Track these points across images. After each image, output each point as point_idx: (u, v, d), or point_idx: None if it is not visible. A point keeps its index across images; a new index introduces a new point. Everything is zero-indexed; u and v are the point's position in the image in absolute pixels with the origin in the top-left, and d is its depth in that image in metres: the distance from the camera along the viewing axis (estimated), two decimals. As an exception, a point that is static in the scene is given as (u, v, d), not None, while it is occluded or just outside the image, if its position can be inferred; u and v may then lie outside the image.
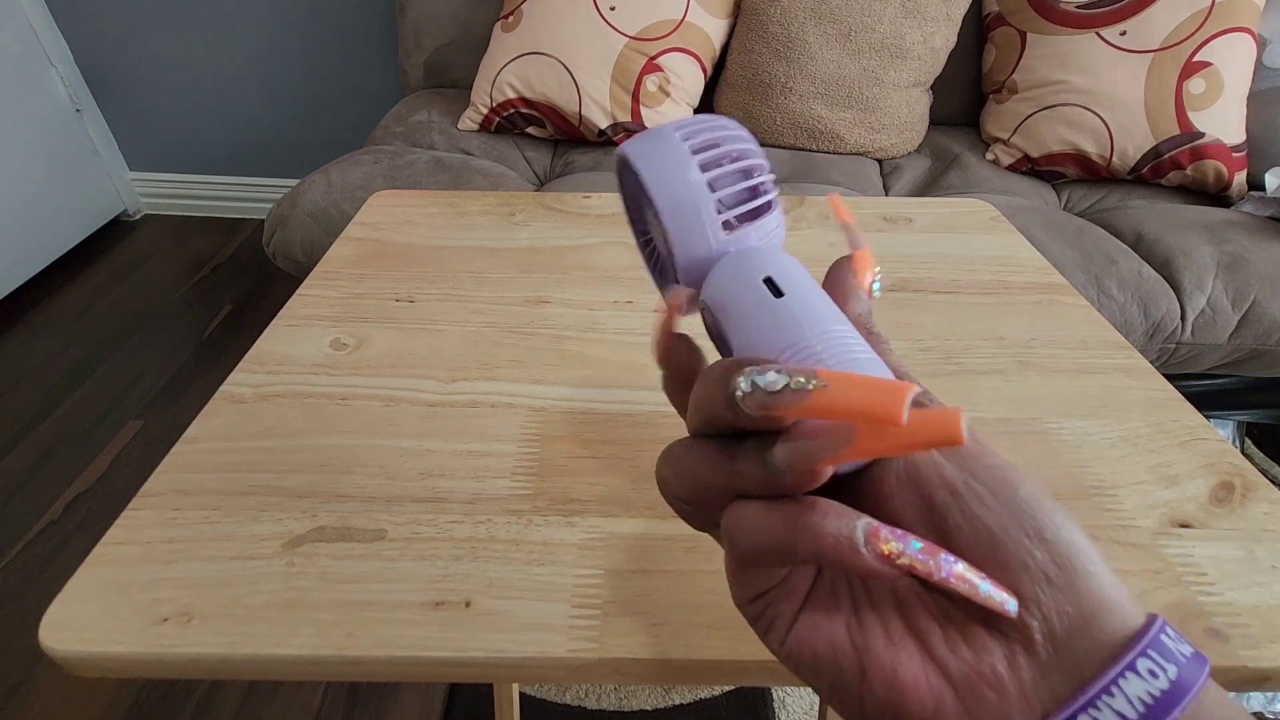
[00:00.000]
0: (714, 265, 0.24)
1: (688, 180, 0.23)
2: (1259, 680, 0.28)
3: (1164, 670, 0.16)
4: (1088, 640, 0.16)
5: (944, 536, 0.18)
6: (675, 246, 0.24)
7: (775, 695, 0.97)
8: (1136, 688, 0.15)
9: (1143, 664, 0.16)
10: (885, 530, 0.17)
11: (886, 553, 0.17)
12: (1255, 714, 0.93)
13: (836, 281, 0.24)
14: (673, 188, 0.23)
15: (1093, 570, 0.17)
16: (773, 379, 0.17)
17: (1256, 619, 0.29)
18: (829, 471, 0.17)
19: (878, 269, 0.25)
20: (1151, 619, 0.17)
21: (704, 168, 0.24)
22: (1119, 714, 0.15)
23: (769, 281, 0.22)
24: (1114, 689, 0.16)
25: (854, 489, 0.20)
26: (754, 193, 0.24)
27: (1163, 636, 0.16)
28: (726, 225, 0.24)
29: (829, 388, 0.16)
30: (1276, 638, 0.28)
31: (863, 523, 0.17)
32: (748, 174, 0.25)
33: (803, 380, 0.16)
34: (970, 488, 0.18)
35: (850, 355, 0.20)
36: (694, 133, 0.24)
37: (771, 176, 0.25)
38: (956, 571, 0.17)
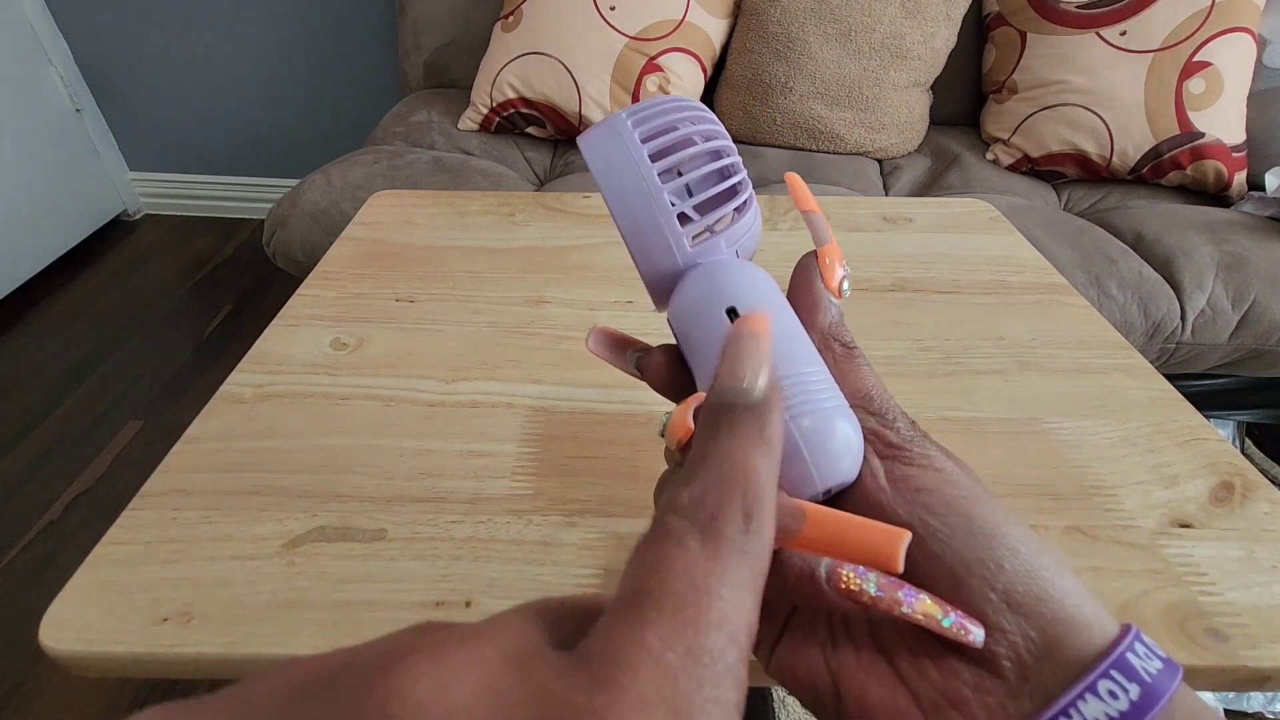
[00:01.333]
0: (681, 280, 0.22)
1: (644, 189, 0.21)
2: (1259, 680, 0.28)
3: (1125, 691, 0.16)
4: (1054, 663, 0.16)
5: (910, 575, 0.18)
6: (637, 260, 0.22)
7: (775, 695, 0.97)
8: (1095, 709, 0.16)
9: (1103, 685, 0.16)
10: (847, 567, 0.18)
11: (847, 588, 0.17)
12: (1255, 714, 0.93)
13: (802, 289, 0.23)
14: (629, 200, 0.21)
15: (1054, 592, 0.17)
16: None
17: (1256, 619, 0.29)
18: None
19: (846, 264, 0.23)
20: (1123, 633, 0.16)
21: (666, 171, 0.21)
22: None
23: (731, 312, 0.21)
24: (1072, 711, 0.16)
25: None
26: (729, 194, 0.22)
27: (1129, 655, 0.16)
28: (696, 231, 0.21)
29: (822, 526, 0.18)
30: (1276, 638, 0.28)
31: (827, 560, 0.18)
32: (723, 175, 0.23)
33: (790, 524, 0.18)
34: (928, 526, 0.18)
35: (812, 405, 0.19)
36: (656, 128, 0.21)
37: (744, 174, 0.23)
38: (918, 606, 0.17)
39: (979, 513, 0.18)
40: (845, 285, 0.23)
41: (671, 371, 0.23)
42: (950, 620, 0.17)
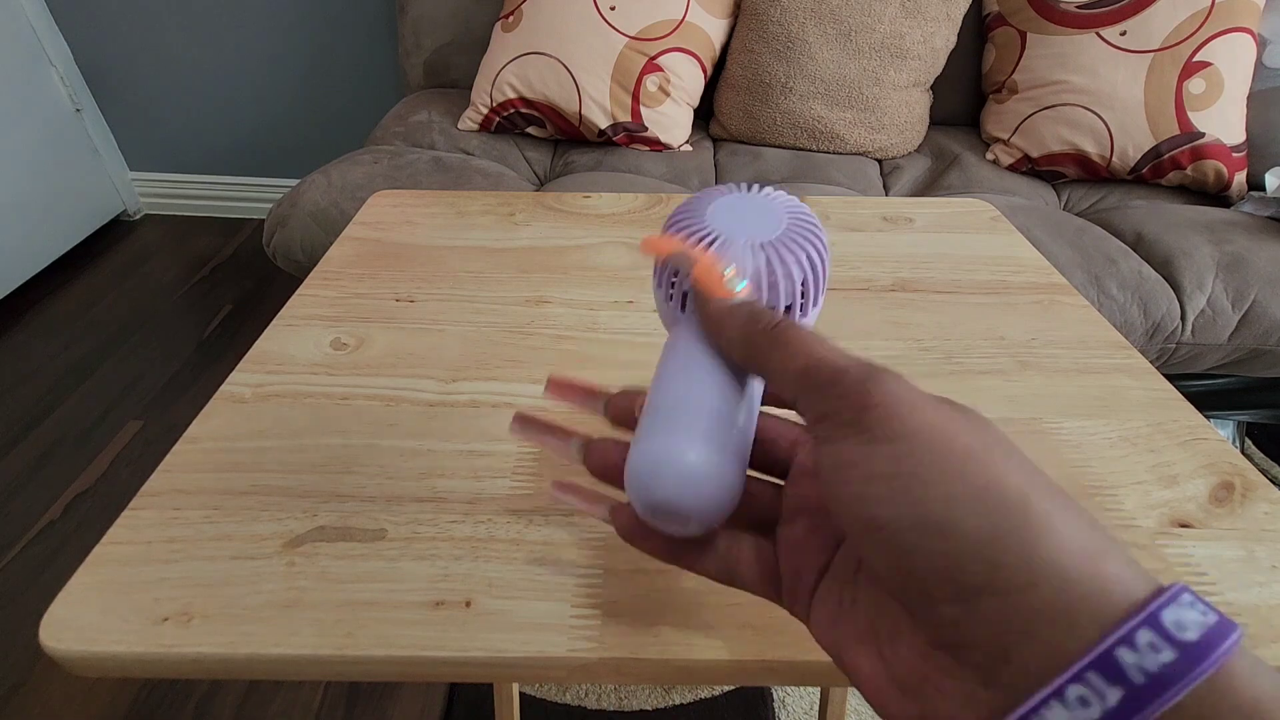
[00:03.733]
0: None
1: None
2: (1259, 680, 0.28)
3: (1101, 698, 0.13)
4: (1031, 652, 0.14)
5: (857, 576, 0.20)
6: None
7: (775, 695, 0.97)
8: (1061, 718, 0.13)
9: (1072, 691, 0.14)
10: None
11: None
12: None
13: (701, 319, 0.23)
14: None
15: (1022, 580, 0.15)
16: None
17: (1256, 619, 0.29)
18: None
19: (729, 268, 0.23)
20: (1123, 619, 0.14)
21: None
22: None
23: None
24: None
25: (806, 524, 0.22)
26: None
27: (1120, 650, 0.13)
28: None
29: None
30: (1276, 638, 0.28)
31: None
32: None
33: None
34: (875, 519, 0.17)
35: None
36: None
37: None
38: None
39: (936, 499, 0.16)
40: (741, 285, 0.23)
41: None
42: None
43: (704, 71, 1.36)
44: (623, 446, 0.24)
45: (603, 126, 1.32)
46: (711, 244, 0.24)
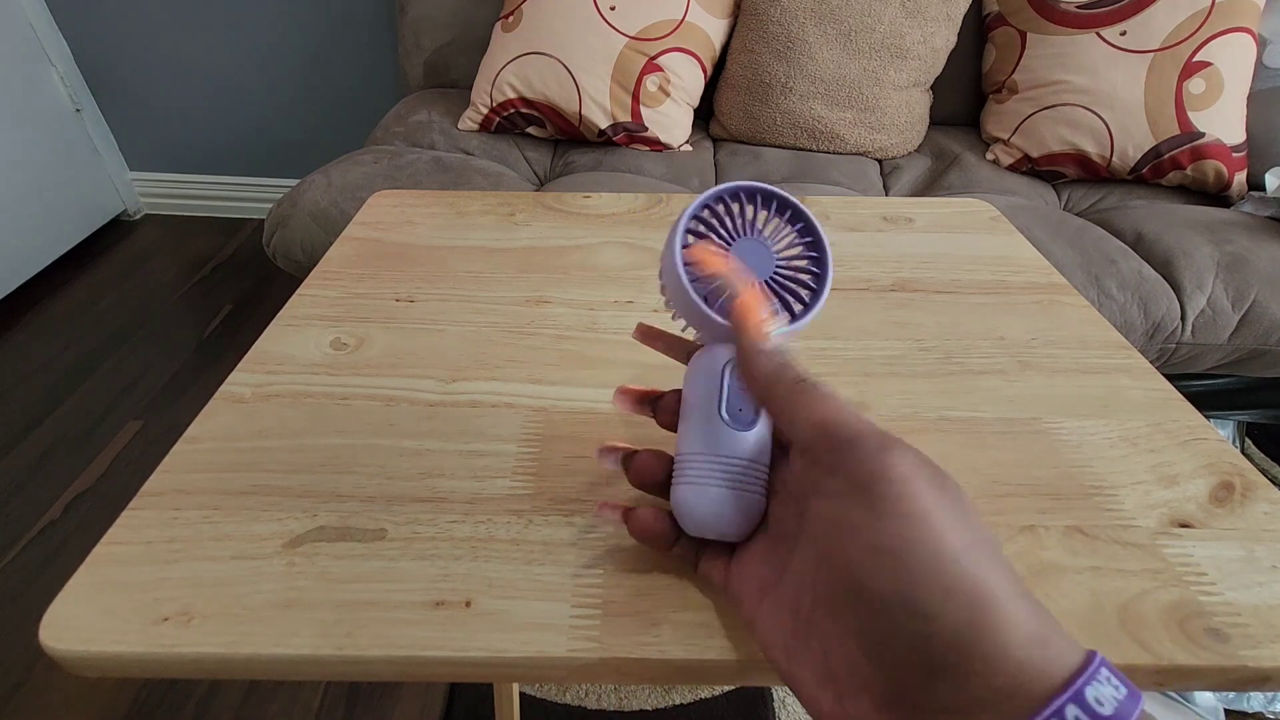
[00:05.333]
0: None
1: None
2: (1259, 680, 0.28)
3: None
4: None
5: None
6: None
7: (775, 695, 0.97)
8: None
9: None
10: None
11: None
12: (1255, 714, 0.93)
13: (736, 351, 0.25)
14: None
15: (992, 665, 0.17)
16: None
17: (1256, 619, 0.29)
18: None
19: (767, 312, 0.25)
20: (1047, 704, 0.16)
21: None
22: None
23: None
24: None
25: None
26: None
27: None
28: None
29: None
30: (1276, 638, 0.28)
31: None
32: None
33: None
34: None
35: (689, 478, 0.27)
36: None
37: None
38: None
39: (930, 585, 0.18)
40: (775, 327, 0.25)
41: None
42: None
43: (704, 71, 1.36)
44: (658, 458, 0.28)
45: (603, 126, 1.32)
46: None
